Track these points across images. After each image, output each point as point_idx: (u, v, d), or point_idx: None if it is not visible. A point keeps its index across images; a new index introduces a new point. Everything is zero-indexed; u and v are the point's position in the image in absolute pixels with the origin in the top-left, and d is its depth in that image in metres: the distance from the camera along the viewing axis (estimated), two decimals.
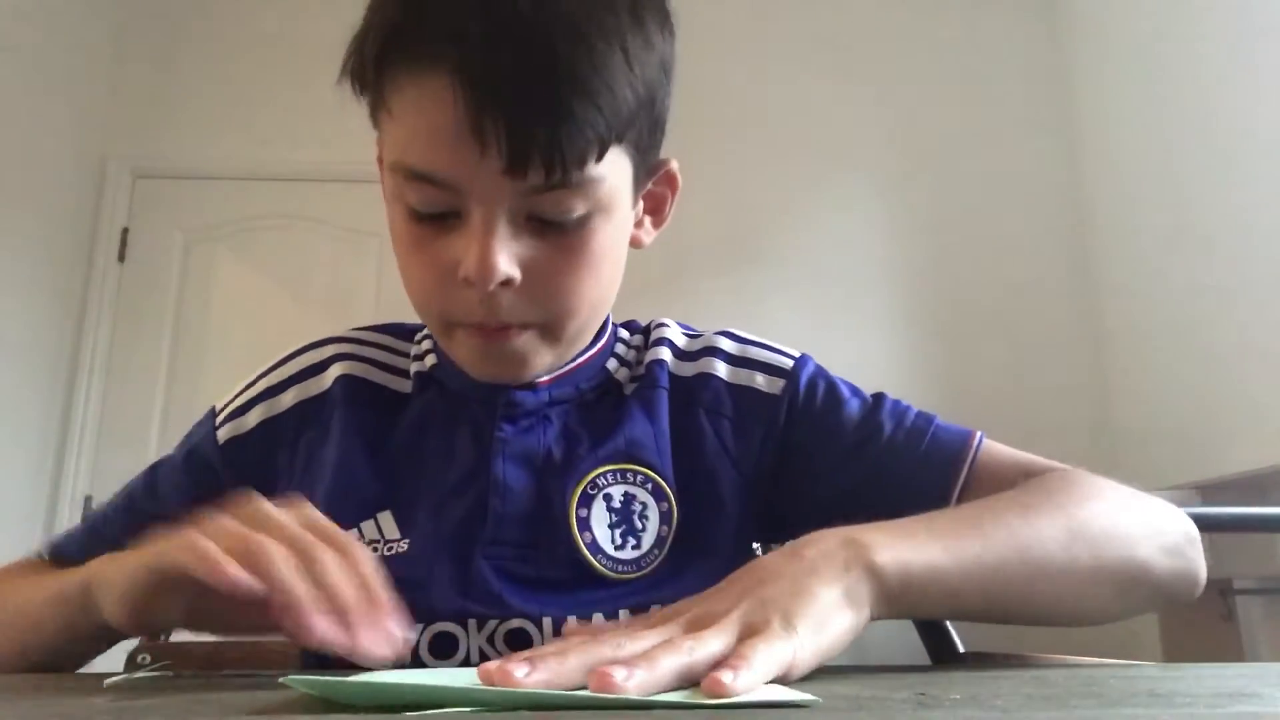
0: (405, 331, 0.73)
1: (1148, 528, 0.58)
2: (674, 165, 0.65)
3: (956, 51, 3.14)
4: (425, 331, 0.71)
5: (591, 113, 0.51)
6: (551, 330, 0.59)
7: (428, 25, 0.52)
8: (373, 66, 0.55)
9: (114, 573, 0.49)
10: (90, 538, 0.68)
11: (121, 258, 2.91)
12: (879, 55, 3.14)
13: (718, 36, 3.10)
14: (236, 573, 0.42)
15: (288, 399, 0.68)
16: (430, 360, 0.68)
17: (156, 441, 2.78)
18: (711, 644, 0.39)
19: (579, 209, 0.55)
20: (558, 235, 0.56)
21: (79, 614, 0.53)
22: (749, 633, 0.41)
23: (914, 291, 2.95)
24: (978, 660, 0.84)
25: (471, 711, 0.31)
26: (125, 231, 2.93)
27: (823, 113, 3.08)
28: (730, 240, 2.96)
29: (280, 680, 0.35)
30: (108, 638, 0.56)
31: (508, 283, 0.55)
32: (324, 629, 0.42)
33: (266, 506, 0.47)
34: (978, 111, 3.09)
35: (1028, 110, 3.10)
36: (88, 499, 2.72)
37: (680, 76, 0.63)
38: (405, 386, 0.68)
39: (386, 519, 0.62)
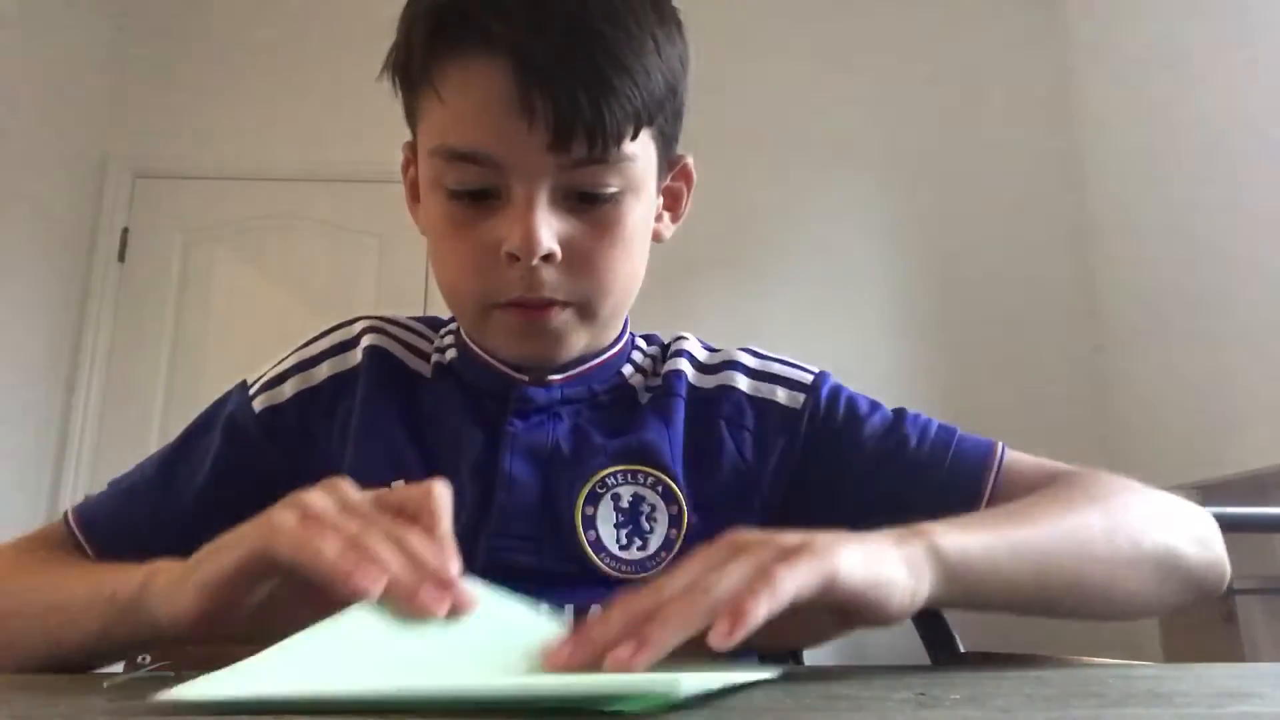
0: (434, 323, 0.73)
1: (1177, 520, 0.60)
2: (690, 160, 0.68)
3: (956, 51, 3.14)
4: (450, 327, 0.71)
5: (630, 89, 0.54)
6: (588, 309, 0.60)
7: (473, 8, 0.55)
8: (421, 54, 0.57)
9: (188, 568, 0.45)
10: (122, 507, 0.70)
11: (121, 258, 2.91)
12: (879, 55, 3.14)
13: (718, 37, 3.09)
14: (348, 569, 0.39)
15: (322, 371, 0.68)
16: (451, 354, 0.69)
17: (157, 442, 2.77)
18: (733, 574, 0.39)
19: (615, 185, 0.57)
20: (594, 213, 0.58)
21: (128, 614, 0.49)
22: (779, 558, 0.40)
23: (914, 292, 2.95)
24: (978, 660, 0.84)
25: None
26: (125, 231, 2.93)
27: (823, 113, 3.08)
28: (730, 240, 2.95)
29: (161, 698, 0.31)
30: (147, 645, 0.52)
31: (549, 258, 0.56)
32: (429, 597, 0.39)
33: (349, 491, 0.44)
34: (978, 112, 3.09)
35: (1028, 110, 3.10)
36: (87, 499, 2.72)
37: None
38: (425, 370, 0.69)
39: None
